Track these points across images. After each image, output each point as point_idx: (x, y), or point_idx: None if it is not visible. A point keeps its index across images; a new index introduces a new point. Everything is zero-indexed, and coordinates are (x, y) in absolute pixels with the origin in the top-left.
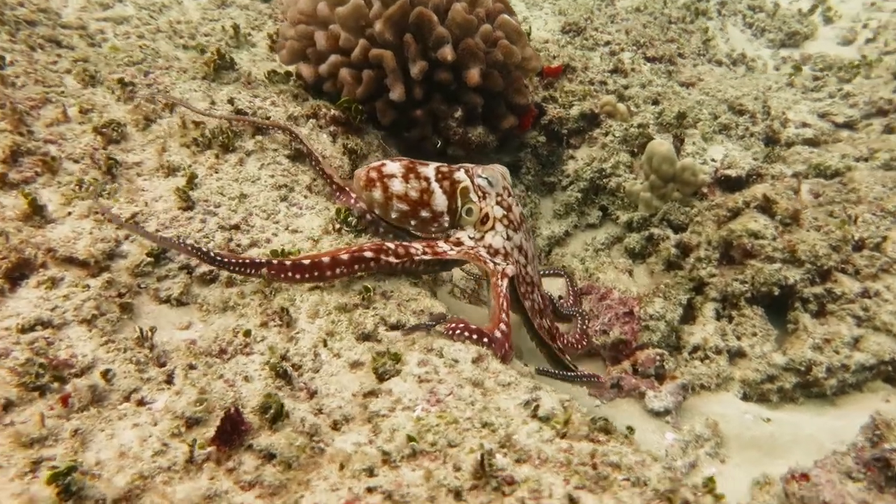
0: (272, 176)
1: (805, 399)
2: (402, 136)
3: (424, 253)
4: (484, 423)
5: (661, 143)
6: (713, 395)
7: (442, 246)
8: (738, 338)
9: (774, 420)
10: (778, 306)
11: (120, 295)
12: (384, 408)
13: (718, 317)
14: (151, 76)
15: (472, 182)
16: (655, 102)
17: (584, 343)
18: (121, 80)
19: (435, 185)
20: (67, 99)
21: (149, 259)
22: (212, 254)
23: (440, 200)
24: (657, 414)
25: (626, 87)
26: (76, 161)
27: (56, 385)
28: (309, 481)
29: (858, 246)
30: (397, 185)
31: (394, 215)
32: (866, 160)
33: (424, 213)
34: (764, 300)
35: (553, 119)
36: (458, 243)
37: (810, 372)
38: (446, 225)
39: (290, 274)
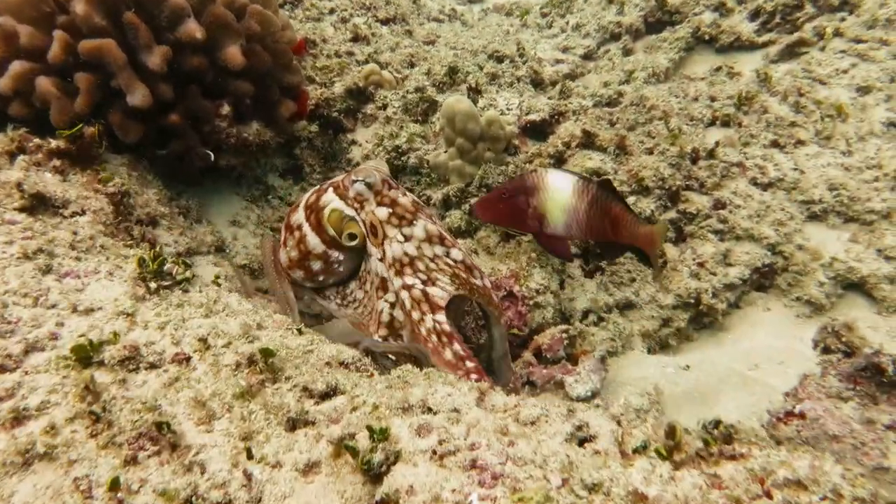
0: (9, 242)
1: (697, 333)
2: (160, 155)
3: None
4: (589, 487)
5: (460, 100)
6: (623, 359)
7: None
8: (618, 287)
9: (691, 365)
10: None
11: None
12: None
13: (586, 273)
14: None
15: (348, 196)
16: (412, 65)
17: None
18: None
19: (306, 228)
20: None
21: None
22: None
23: (313, 241)
24: (585, 400)
25: (377, 53)
26: None
27: None
28: None
29: (693, 158)
30: (283, 257)
31: (308, 285)
32: (628, 82)
33: (315, 266)
34: None
35: (319, 102)
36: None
37: (700, 302)
38: (343, 259)
39: None
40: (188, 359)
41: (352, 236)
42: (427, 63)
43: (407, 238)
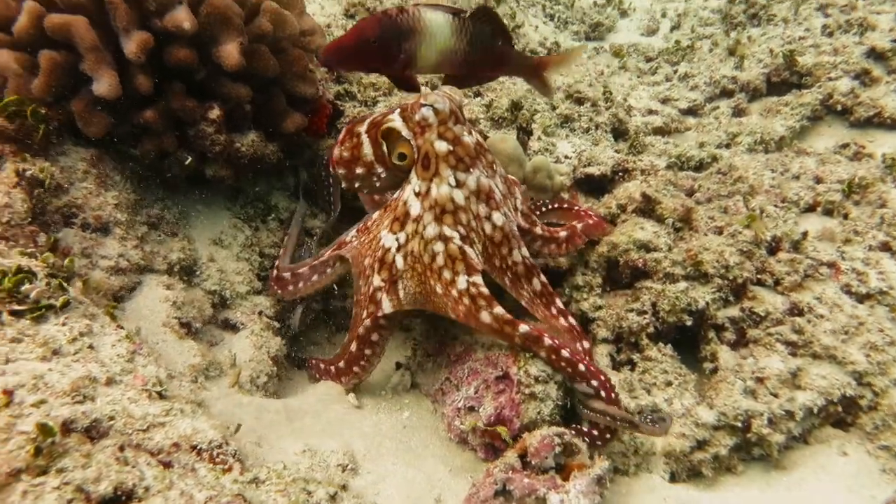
0: None
1: (744, 465)
2: (131, 154)
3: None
4: None
5: (504, 139)
6: (634, 482)
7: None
8: (648, 391)
9: None
10: (681, 338)
11: None
12: None
13: (615, 364)
14: None
15: (412, 118)
16: (478, 94)
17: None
18: None
19: (364, 137)
20: None
21: None
22: None
23: (366, 149)
24: None
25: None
26: None
27: None
28: None
29: (772, 248)
30: (336, 152)
31: (344, 185)
32: (728, 146)
33: (359, 170)
34: (670, 333)
35: (353, 121)
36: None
37: (750, 428)
38: (384, 177)
39: None
40: None
41: (401, 156)
42: (492, 94)
43: (459, 184)
